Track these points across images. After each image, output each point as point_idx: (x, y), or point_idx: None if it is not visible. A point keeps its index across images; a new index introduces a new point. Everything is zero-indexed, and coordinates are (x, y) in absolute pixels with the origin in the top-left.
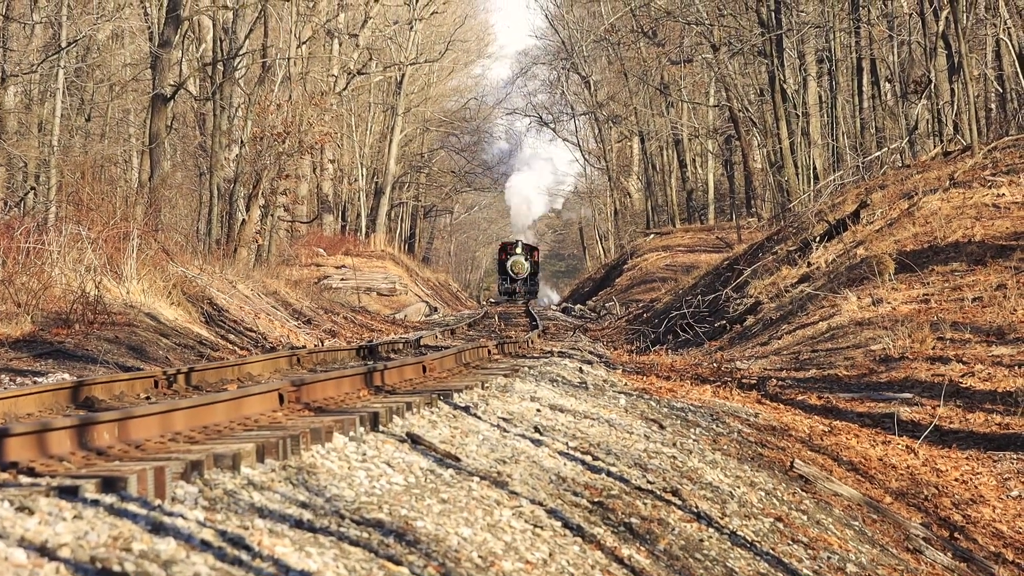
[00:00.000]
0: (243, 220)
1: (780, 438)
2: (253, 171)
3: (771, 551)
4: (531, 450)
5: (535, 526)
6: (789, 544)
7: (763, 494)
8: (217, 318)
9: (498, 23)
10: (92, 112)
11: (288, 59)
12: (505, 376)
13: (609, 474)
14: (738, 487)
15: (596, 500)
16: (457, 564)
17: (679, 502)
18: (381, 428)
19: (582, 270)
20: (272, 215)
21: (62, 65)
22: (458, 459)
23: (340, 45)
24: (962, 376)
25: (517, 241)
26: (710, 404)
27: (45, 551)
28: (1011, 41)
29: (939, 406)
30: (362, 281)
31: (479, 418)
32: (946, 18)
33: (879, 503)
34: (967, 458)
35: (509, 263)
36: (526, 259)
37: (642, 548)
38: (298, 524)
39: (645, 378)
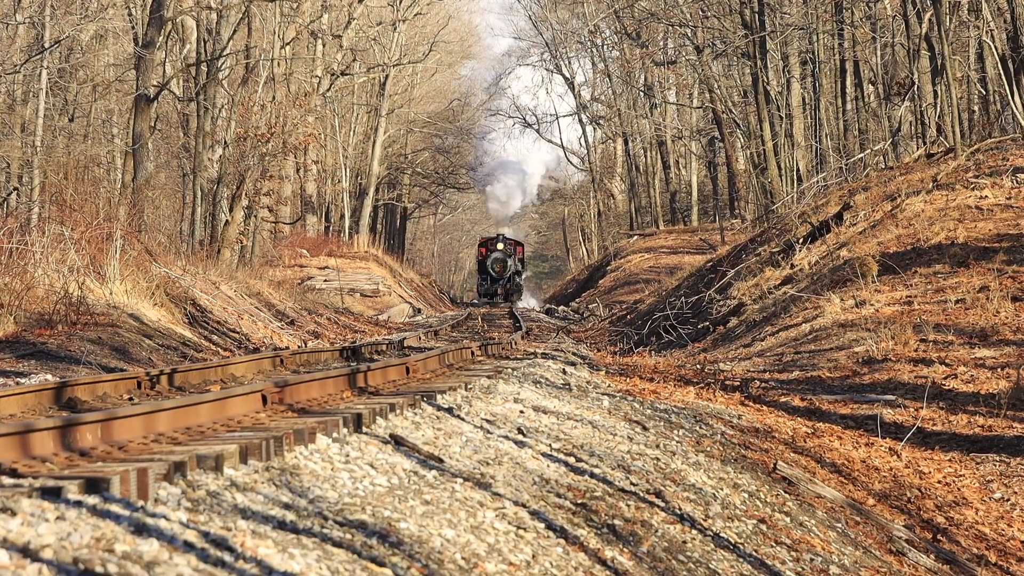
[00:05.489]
0: (226, 221)
1: (763, 440)
2: (236, 172)
3: (754, 553)
4: (514, 451)
5: (518, 527)
6: (772, 546)
7: (746, 496)
8: (200, 319)
9: (482, 24)
10: (75, 112)
11: (272, 60)
12: (488, 377)
13: (592, 476)
14: (721, 489)
15: (579, 502)
16: (440, 565)
17: (662, 504)
18: (364, 429)
19: (565, 271)
20: (255, 216)
21: (45, 65)
22: (441, 460)
23: (324, 46)
24: (945, 378)
25: (499, 235)
26: (693, 406)
27: (27, 552)
28: (994, 43)
29: (922, 408)
30: (345, 282)
31: (462, 419)
32: (929, 20)
33: (862, 505)
34: (950, 460)
35: (490, 260)
36: (509, 256)
37: (625, 550)
38: (281, 525)
39: (628, 380)
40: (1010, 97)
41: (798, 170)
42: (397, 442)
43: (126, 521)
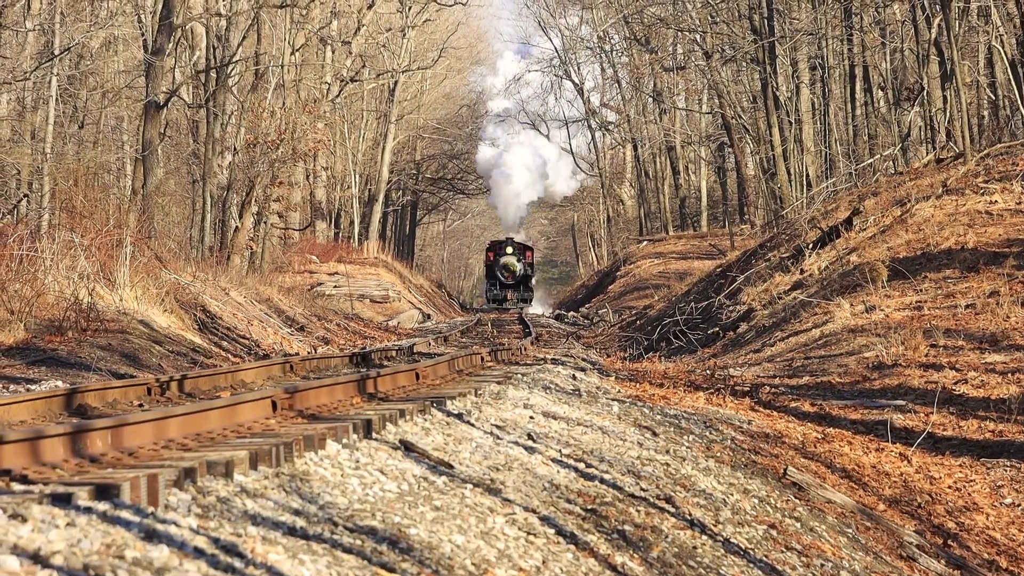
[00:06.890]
0: (236, 227)
1: (773, 445)
2: (246, 178)
3: (764, 558)
4: (524, 457)
5: (528, 533)
6: (783, 551)
7: (756, 501)
8: (210, 325)
9: (491, 30)
10: (85, 119)
11: (281, 66)
12: (498, 383)
13: (602, 481)
14: (731, 494)
15: (589, 507)
16: (450, 571)
17: (672, 509)
18: (374, 435)
19: (575, 277)
20: (265, 222)
21: (55, 72)
22: (451, 466)
23: (333, 52)
24: (955, 383)
25: (508, 239)
26: (703, 411)
27: (38, 558)
28: (1003, 48)
29: (932, 413)
30: (355, 288)
31: (472, 425)
32: (938, 25)
33: (873, 510)
34: (960, 465)
35: (499, 265)
36: (518, 260)
37: (635, 555)
38: (291, 531)
39: (638, 385)
40: (1020, 102)
41: (808, 175)
42: (407, 448)
43: (136, 527)
